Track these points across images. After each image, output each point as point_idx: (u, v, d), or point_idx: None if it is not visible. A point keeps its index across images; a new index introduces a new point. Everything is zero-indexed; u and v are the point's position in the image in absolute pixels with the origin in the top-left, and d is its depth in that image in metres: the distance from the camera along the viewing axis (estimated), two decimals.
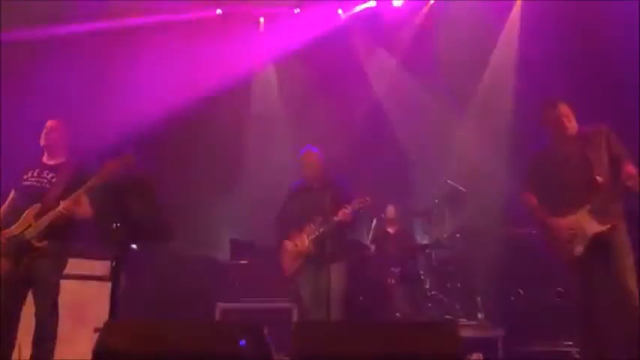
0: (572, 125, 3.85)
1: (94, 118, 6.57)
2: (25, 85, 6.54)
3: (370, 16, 7.57)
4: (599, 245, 3.68)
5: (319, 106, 6.97)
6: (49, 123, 4.23)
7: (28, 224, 3.87)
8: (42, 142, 4.17)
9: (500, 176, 6.21)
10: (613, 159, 3.78)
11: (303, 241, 4.62)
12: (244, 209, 7.47)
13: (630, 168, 3.65)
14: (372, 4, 7.46)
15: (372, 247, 6.30)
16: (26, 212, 3.90)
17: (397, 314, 5.62)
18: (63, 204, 3.85)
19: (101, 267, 4.89)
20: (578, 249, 3.70)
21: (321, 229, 4.57)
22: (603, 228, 3.67)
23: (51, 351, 3.82)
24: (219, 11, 7.55)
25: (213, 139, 7.33)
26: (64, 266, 4.04)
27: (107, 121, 6.73)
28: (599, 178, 3.70)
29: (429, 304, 5.75)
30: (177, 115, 7.28)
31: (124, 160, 3.85)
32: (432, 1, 7.53)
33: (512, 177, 5.67)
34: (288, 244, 4.71)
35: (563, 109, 3.85)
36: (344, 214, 4.48)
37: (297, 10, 7.64)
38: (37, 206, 3.91)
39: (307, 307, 4.65)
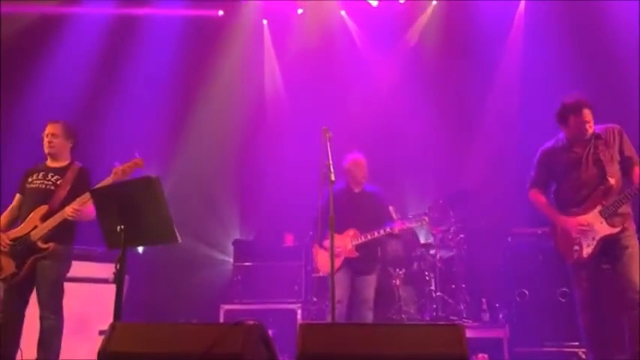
0: (590, 131, 3.81)
1: (96, 115, 6.62)
2: (25, 75, 6.59)
3: (372, 15, 7.57)
4: (608, 246, 3.68)
5: (325, 107, 6.97)
6: (50, 129, 4.12)
7: (34, 226, 3.87)
8: (46, 150, 4.13)
9: (506, 176, 6.19)
10: (624, 159, 3.77)
11: (347, 244, 4.67)
12: (248, 211, 7.48)
13: None
14: (374, 3, 7.46)
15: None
16: (32, 214, 3.91)
17: (402, 315, 5.61)
18: (70, 206, 3.85)
19: (105, 270, 4.89)
20: (587, 250, 3.69)
21: (369, 236, 4.64)
22: (614, 230, 3.66)
23: (56, 353, 3.82)
24: (221, 12, 7.58)
25: (217, 139, 7.34)
26: (68, 268, 4.05)
27: (109, 117, 6.78)
28: (611, 180, 3.69)
29: (434, 305, 5.74)
30: (182, 113, 7.33)
31: (134, 163, 3.83)
32: (434, 2, 7.53)
33: (517, 176, 5.64)
34: (329, 245, 4.72)
35: (587, 115, 3.77)
36: (402, 229, 4.62)
37: (300, 11, 7.66)
38: (43, 208, 3.91)
39: (340, 298, 4.53)
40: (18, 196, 4.14)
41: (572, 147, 3.87)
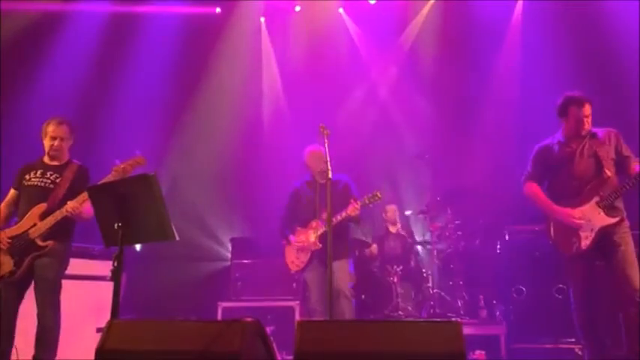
0: (588, 127, 3.83)
1: (94, 112, 6.61)
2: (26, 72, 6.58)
3: (370, 13, 7.57)
4: (603, 242, 3.68)
5: (322, 104, 6.97)
6: (57, 131, 4.05)
7: (33, 223, 3.87)
8: (50, 152, 4.07)
9: (503, 173, 6.20)
10: (622, 158, 3.79)
11: (309, 236, 4.58)
12: (247, 208, 7.48)
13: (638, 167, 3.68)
14: (372, 1, 7.45)
15: (374, 245, 6.30)
16: (31, 211, 3.90)
17: (400, 312, 5.62)
18: (70, 204, 3.84)
19: (103, 267, 4.89)
20: (585, 242, 3.69)
21: (328, 225, 4.53)
22: (611, 221, 3.67)
23: (53, 351, 3.82)
24: (218, 10, 7.57)
25: (215, 136, 7.34)
26: (66, 266, 4.04)
27: (107, 115, 6.77)
28: (607, 172, 3.70)
29: (432, 302, 5.76)
30: (180, 110, 7.33)
31: (134, 161, 3.80)
32: (431, 0, 7.52)
33: (515, 174, 5.66)
34: (294, 240, 4.67)
35: (588, 109, 3.79)
36: (354, 209, 4.44)
37: (297, 8, 7.65)
38: (42, 206, 3.90)
39: (314, 305, 4.55)
40: (13, 191, 4.10)
41: (568, 143, 3.89)
